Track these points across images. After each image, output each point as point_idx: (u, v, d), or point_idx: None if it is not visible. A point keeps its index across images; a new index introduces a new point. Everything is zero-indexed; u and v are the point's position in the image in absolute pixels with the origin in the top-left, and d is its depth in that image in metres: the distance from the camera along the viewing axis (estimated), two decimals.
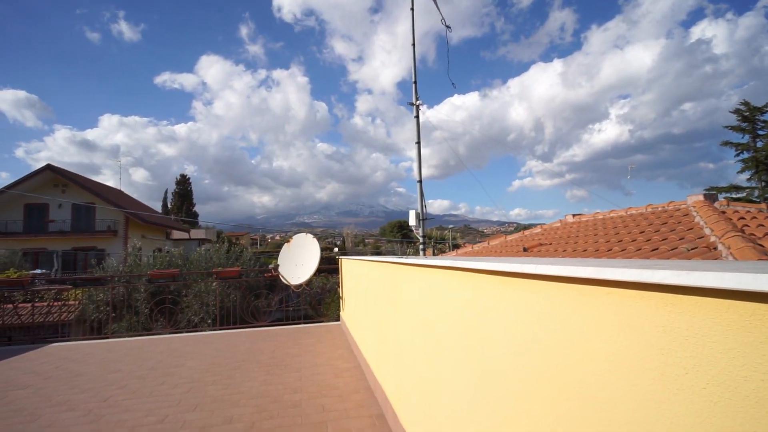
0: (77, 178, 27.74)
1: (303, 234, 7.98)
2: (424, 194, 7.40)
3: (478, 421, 1.52)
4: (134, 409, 3.58)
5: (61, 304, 12.46)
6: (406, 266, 2.65)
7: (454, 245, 49.24)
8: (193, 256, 15.23)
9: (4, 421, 3.40)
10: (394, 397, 2.96)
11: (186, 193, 48.94)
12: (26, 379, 4.69)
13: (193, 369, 4.83)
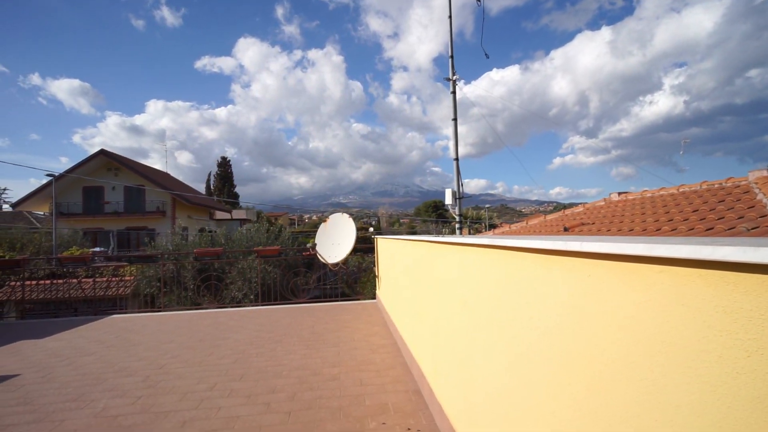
0: (128, 162, 29.36)
1: (339, 214, 8.09)
2: (460, 172, 7.27)
3: (514, 400, 1.51)
4: (186, 377, 3.84)
5: (118, 279, 13.42)
6: (442, 245, 2.64)
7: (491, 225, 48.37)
8: (235, 235, 15.86)
9: (75, 383, 3.75)
10: (430, 374, 3.00)
11: (227, 175, 50.69)
12: (91, 346, 5.12)
13: (239, 341, 5.09)
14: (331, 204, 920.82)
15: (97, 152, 27.60)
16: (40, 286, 10.37)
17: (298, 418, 2.88)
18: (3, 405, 3.31)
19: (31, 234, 20.69)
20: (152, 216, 28.13)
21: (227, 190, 49.52)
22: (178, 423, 2.88)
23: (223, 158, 51.14)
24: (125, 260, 14.71)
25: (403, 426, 2.71)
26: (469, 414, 2.08)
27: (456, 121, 7.52)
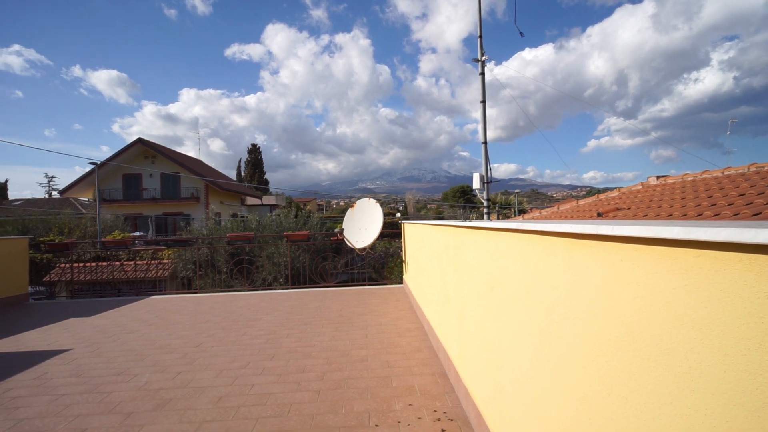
0: (164, 150, 30.42)
1: (366, 199, 8.12)
2: (488, 157, 7.13)
3: (542, 385, 1.51)
4: (221, 355, 4.02)
5: (157, 262, 14.08)
6: (469, 230, 2.61)
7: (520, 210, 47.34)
8: (266, 220, 16.25)
9: (120, 359, 4.00)
10: (457, 358, 3.01)
11: (257, 162, 51.74)
12: (134, 324, 5.43)
13: (270, 323, 5.27)
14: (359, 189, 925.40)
15: (134, 141, 28.74)
16: (87, 267, 11.02)
17: (327, 397, 2.98)
18: (59, 376, 3.57)
19: (78, 219, 21.93)
20: (187, 202, 29.18)
21: (257, 176, 50.60)
22: (215, 398, 3.03)
23: (253, 145, 52.17)
24: (163, 244, 15.39)
25: (430, 408, 2.75)
26: (495, 398, 2.08)
27: (485, 104, 7.34)
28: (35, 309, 6.90)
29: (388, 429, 2.49)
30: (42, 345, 4.59)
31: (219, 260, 12.26)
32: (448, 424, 2.53)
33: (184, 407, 2.89)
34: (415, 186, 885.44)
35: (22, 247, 7.65)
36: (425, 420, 2.59)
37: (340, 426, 2.55)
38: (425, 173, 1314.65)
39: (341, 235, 7.93)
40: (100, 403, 3.00)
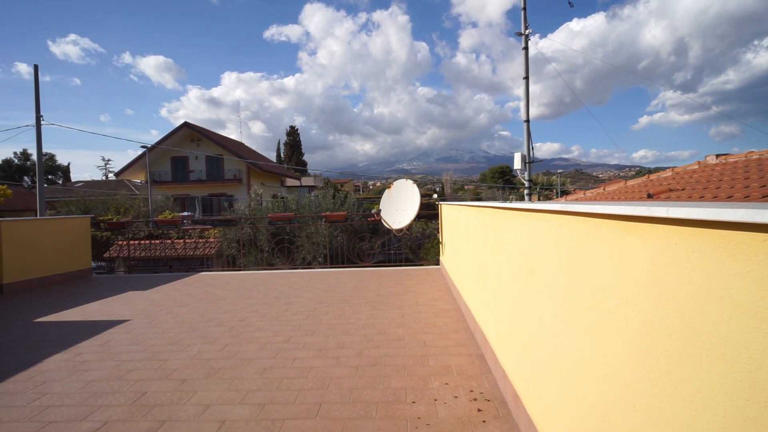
0: (208, 133, 31.58)
1: (403, 180, 8.10)
2: (531, 135, 6.86)
3: (584, 370, 1.47)
4: (265, 330, 4.22)
5: (204, 241, 14.81)
6: (509, 211, 2.55)
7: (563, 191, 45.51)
8: (304, 201, 16.62)
9: (174, 330, 4.30)
10: (494, 339, 3.00)
11: (296, 144, 52.65)
12: (185, 299, 5.79)
13: (310, 300, 5.45)
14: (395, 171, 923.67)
15: (181, 125, 29.99)
16: (141, 245, 11.79)
17: (365, 373, 3.06)
18: (120, 344, 3.90)
19: (132, 200, 23.38)
20: (230, 183, 30.30)
21: (296, 157, 51.57)
22: (260, 369, 3.20)
23: (291, 127, 53.03)
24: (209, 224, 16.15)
25: (466, 388, 2.77)
26: (534, 381, 2.07)
27: (527, 80, 7.03)
28: (97, 282, 7.50)
29: (425, 406, 2.54)
30: (105, 315, 5.00)
31: (261, 239, 12.72)
32: (484, 404, 2.54)
33: (231, 376, 3.07)
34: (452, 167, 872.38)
35: (85, 226, 8.27)
36: (462, 399, 2.61)
37: (378, 401, 2.63)
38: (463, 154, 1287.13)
39: (378, 216, 7.99)
40: (158, 369, 3.25)
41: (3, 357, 3.65)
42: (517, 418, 2.34)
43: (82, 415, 2.57)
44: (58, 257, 7.52)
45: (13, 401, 2.78)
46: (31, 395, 2.86)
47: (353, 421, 2.40)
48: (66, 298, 6.06)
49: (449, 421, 2.36)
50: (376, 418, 2.43)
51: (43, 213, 14.88)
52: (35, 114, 14.37)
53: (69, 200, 24.14)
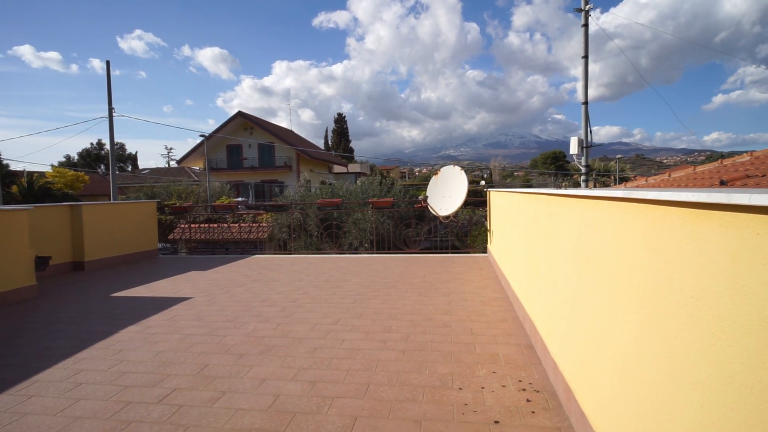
0: (260, 122, 32.77)
1: (450, 166, 7.98)
2: (589, 118, 6.47)
3: (645, 366, 1.40)
4: (315, 311, 4.38)
5: (257, 225, 15.51)
6: (562, 198, 2.45)
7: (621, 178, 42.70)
8: (351, 187, 16.87)
9: (232, 308, 4.57)
10: (544, 330, 2.92)
11: (343, 131, 53.36)
12: (241, 279, 6.13)
13: (357, 284, 5.57)
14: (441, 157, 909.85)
15: (235, 114, 31.33)
16: (201, 228, 12.57)
17: (411, 357, 3.10)
18: (184, 319, 4.21)
19: (192, 186, 24.88)
20: (281, 170, 31.37)
21: (343, 144, 52.31)
22: (310, 348, 3.34)
23: (339, 114, 53.74)
24: (262, 209, 16.87)
25: (514, 377, 2.73)
26: (588, 375, 1.99)
27: (587, 59, 6.60)
28: (163, 262, 8.11)
29: (471, 393, 2.54)
30: (170, 292, 5.41)
31: (310, 224, 13.11)
32: (533, 395, 2.49)
33: (284, 354, 3.23)
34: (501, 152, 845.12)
35: (152, 210, 8.94)
36: (510, 389, 2.58)
37: (425, 385, 2.66)
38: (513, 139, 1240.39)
39: (425, 203, 7.95)
40: (218, 344, 3.49)
41: (87, 327, 4.08)
42: (568, 411, 2.27)
43: (153, 381, 2.82)
44: (129, 238, 8.20)
45: (96, 366, 3.11)
46: (111, 361, 3.18)
47: (400, 403, 2.45)
48: (136, 276, 6.62)
49: (497, 409, 2.35)
50: (422, 401, 2.46)
51: (116, 198, 16.24)
52: (108, 107, 15.60)
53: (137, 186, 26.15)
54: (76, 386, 2.78)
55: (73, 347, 3.50)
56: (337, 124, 53.69)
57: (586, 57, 6.55)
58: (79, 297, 5.33)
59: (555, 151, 62.68)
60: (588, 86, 6.37)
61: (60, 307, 4.84)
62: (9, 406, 2.54)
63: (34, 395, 2.67)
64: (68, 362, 3.19)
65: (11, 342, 3.71)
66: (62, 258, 7.03)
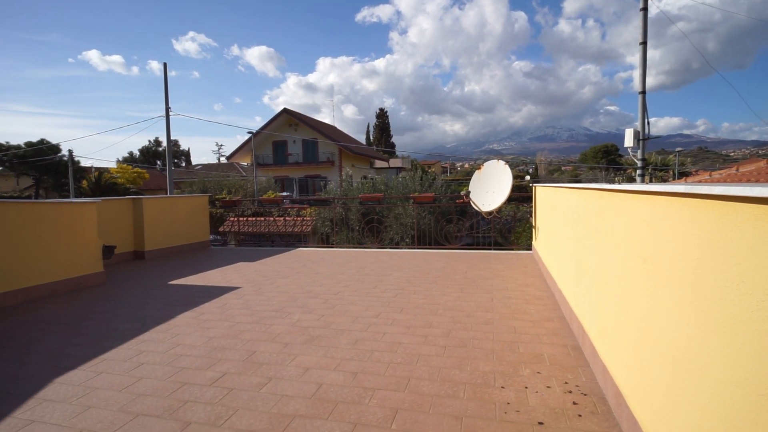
0: (304, 118, 33.55)
1: (494, 161, 7.79)
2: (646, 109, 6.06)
3: (708, 373, 1.31)
4: (356, 304, 4.45)
5: (301, 219, 15.94)
6: (617, 193, 2.32)
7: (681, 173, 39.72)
8: (392, 182, 16.90)
9: (277, 298, 4.74)
10: (593, 331, 2.79)
11: (384, 126, 53.52)
12: (285, 271, 6.34)
13: (398, 279, 5.59)
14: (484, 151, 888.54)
15: (281, 111, 32.28)
16: (249, 221, 13.10)
17: (452, 353, 3.08)
18: (234, 307, 4.43)
19: (240, 180, 25.97)
20: (323, 165, 32.00)
21: (384, 140, 52.48)
22: (352, 340, 3.40)
23: (380, 110, 53.96)
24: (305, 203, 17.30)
25: (560, 379, 2.64)
26: (641, 380, 1.89)
27: (645, 45, 6.17)
28: (214, 253, 8.54)
29: (514, 392, 2.49)
30: (221, 282, 5.70)
31: (352, 219, 13.29)
32: (580, 398, 2.40)
33: (327, 345, 3.32)
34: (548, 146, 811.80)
35: (204, 203, 9.43)
36: (555, 390, 2.50)
37: (466, 382, 2.63)
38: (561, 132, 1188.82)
39: (467, 198, 7.82)
40: (264, 332, 3.64)
41: (148, 311, 4.39)
42: (618, 417, 2.17)
43: (205, 365, 3.00)
44: (183, 230, 8.71)
45: (156, 348, 3.34)
46: (168, 344, 3.41)
47: (441, 399, 2.44)
48: (190, 266, 7.02)
49: (540, 410, 2.28)
50: (463, 398, 2.44)
51: (172, 192, 17.27)
52: (165, 106, 16.57)
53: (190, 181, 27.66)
54: (138, 366, 3.01)
55: (136, 330, 3.79)
56: (378, 120, 53.93)
57: (644, 43, 6.12)
58: (140, 284, 5.74)
59: (607, 144, 59.40)
60: (646, 74, 5.95)
61: (124, 293, 5.24)
62: (82, 381, 2.79)
63: (103, 372, 2.92)
64: (131, 343, 3.45)
65: (83, 323, 4.06)
66: (125, 247, 7.59)
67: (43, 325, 4.02)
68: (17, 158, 32.31)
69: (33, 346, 3.48)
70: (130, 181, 27.08)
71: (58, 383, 2.77)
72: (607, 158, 54.15)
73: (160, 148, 53.38)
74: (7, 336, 3.74)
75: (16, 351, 3.37)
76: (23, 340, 3.61)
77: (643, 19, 5.98)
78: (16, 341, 3.60)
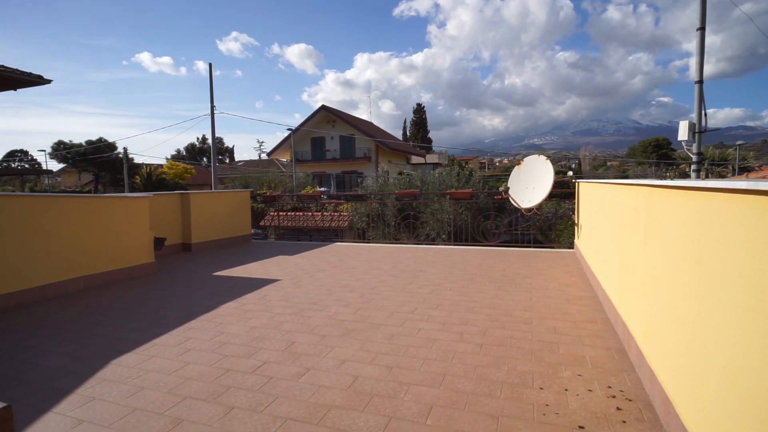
0: (342, 115, 33.95)
1: (535, 156, 7.55)
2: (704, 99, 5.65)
3: (765, 385, 1.22)
4: (392, 299, 4.48)
5: (338, 214, 16.18)
6: (669, 189, 2.19)
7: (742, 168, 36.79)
8: (429, 178, 16.79)
9: (314, 291, 4.86)
10: (640, 334, 2.66)
11: (421, 121, 53.18)
12: (323, 265, 6.47)
13: (434, 275, 5.56)
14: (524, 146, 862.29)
15: (319, 108, 32.83)
16: (288, 216, 13.45)
17: (489, 352, 3.04)
18: (273, 299, 4.58)
19: (280, 176, 26.71)
20: (360, 161, 32.27)
21: (421, 135, 52.17)
22: (388, 335, 3.43)
23: (418, 105, 53.66)
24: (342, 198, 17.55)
25: (603, 383, 2.54)
26: (693, 387, 1.79)
27: (703, 31, 5.74)
28: (255, 246, 8.85)
29: (553, 394, 2.42)
30: (261, 274, 5.91)
31: (388, 214, 13.36)
32: (625, 404, 2.30)
33: (363, 338, 3.36)
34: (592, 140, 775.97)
35: (246, 198, 9.78)
36: (597, 394, 2.41)
37: (503, 381, 2.59)
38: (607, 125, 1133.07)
39: (506, 194, 7.64)
40: (303, 324, 3.74)
41: (194, 300, 4.63)
42: (666, 425, 2.06)
43: (248, 353, 3.12)
44: (227, 223, 9.08)
45: (201, 335, 3.52)
46: (213, 332, 3.58)
47: (477, 397, 2.42)
48: (233, 258, 7.32)
49: (581, 414, 2.21)
50: (500, 397, 2.41)
51: (216, 187, 18.02)
52: (210, 105, 17.28)
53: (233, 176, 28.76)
54: (186, 351, 3.18)
55: (183, 317, 4.00)
56: (415, 115, 53.66)
57: (702, 29, 5.69)
58: (187, 274, 6.06)
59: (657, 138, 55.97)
60: (704, 62, 5.53)
61: (173, 283, 5.54)
62: (136, 363, 2.99)
63: (154, 356, 3.11)
64: (179, 330, 3.65)
65: (136, 309, 4.34)
66: (174, 239, 8.02)
67: (101, 311, 4.33)
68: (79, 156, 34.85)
69: (93, 329, 3.76)
70: (178, 176, 28.52)
71: (115, 365, 2.98)
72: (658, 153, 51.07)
73: (205, 146, 55.82)
74: (71, 319, 4.07)
75: (78, 333, 3.66)
76: (85, 324, 3.91)
77: (702, 2, 5.56)
78: (78, 324, 3.91)
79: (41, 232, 4.80)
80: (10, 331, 3.78)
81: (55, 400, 2.50)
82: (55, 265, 4.95)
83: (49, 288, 4.88)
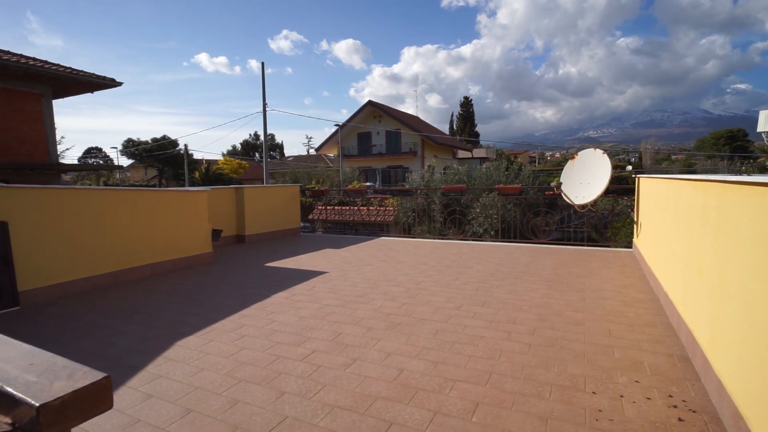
0: (388, 109, 34.03)
1: (591, 150, 7.17)
2: None
3: None
4: (437, 295, 4.46)
5: (384, 209, 16.30)
6: (742, 186, 2.01)
7: None
8: (476, 173, 16.45)
9: (360, 285, 4.94)
10: (706, 341, 2.47)
11: (468, 115, 52.09)
12: (369, 259, 6.56)
13: (480, 272, 5.47)
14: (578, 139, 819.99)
15: (365, 103, 33.11)
16: (335, 210, 13.76)
17: (537, 352, 2.95)
18: (321, 290, 4.72)
19: (327, 171, 27.31)
20: (406, 156, 32.22)
21: (468, 129, 51.13)
22: (432, 330, 3.43)
23: (465, 98, 52.58)
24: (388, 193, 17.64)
25: (663, 391, 2.39)
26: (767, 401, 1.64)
27: None
28: (304, 239, 9.14)
29: (607, 400, 2.31)
30: (310, 266, 6.10)
31: (433, 209, 13.26)
32: (688, 415, 2.16)
33: (408, 332, 3.39)
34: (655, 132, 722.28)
35: (296, 192, 10.11)
36: (656, 402, 2.27)
37: (552, 383, 2.51)
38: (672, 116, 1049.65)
39: (558, 190, 7.33)
40: (349, 316, 3.83)
41: (248, 289, 4.87)
42: None
43: (297, 341, 3.25)
44: (278, 217, 9.45)
45: (255, 322, 3.71)
46: (265, 320, 3.76)
47: (524, 398, 2.36)
48: (283, 250, 7.61)
49: (638, 423, 2.10)
50: (549, 399, 2.34)
51: (268, 181, 18.77)
52: (262, 102, 17.97)
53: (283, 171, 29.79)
54: (241, 337, 3.37)
55: (238, 305, 4.23)
56: (462, 109, 52.63)
57: None
58: (241, 264, 6.38)
59: (731, 129, 51.05)
60: None
61: (229, 272, 5.87)
62: (197, 346, 3.21)
63: (212, 340, 3.32)
64: (235, 317, 3.87)
65: (196, 297, 4.65)
66: (229, 231, 8.47)
67: (165, 296, 4.68)
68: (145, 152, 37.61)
69: (158, 313, 4.08)
70: (233, 171, 29.98)
71: (178, 346, 3.22)
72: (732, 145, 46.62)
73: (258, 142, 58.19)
74: (139, 303, 4.44)
75: (145, 316, 3.98)
76: (151, 308, 4.25)
77: None
78: (145, 308, 4.25)
79: (115, 222, 5.26)
80: (90, 311, 4.19)
81: (128, 375, 2.75)
82: (126, 252, 5.41)
83: (121, 273, 5.34)
